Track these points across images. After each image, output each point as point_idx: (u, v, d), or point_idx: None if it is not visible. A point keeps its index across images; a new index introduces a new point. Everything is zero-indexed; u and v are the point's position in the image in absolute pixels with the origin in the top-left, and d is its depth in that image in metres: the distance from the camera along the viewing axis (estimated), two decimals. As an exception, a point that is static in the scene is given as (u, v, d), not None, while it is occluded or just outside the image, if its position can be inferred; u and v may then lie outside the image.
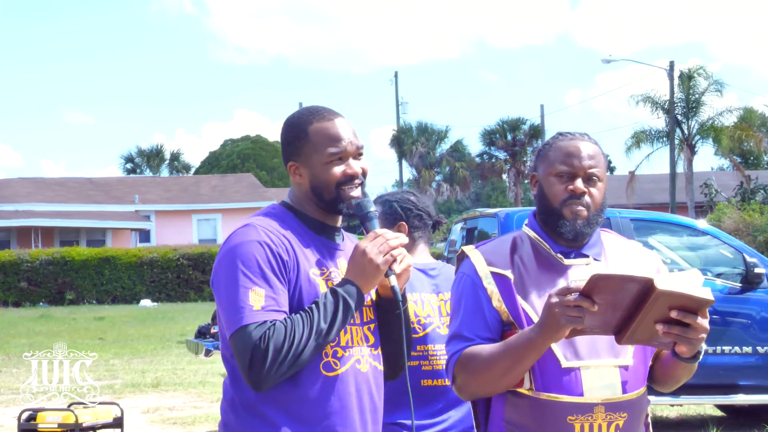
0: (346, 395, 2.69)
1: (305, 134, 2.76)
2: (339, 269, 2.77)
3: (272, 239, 2.67)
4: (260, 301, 2.59)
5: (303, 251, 2.72)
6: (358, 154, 2.78)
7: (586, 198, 2.74)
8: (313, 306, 2.63)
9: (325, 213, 2.79)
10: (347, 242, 2.87)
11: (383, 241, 2.69)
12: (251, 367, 2.55)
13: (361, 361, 2.74)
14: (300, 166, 2.77)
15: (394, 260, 2.69)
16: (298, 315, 2.61)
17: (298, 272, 2.68)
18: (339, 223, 2.85)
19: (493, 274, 2.75)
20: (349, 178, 2.74)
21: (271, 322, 2.57)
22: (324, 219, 2.80)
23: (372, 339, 2.79)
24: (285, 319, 2.60)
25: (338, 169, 2.74)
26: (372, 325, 2.81)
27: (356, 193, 2.76)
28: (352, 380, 2.71)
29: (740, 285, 9.12)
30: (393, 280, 2.70)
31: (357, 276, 2.68)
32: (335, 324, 2.63)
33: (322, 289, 2.70)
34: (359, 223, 2.79)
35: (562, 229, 2.74)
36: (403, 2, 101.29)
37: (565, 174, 2.75)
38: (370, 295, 2.82)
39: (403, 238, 2.74)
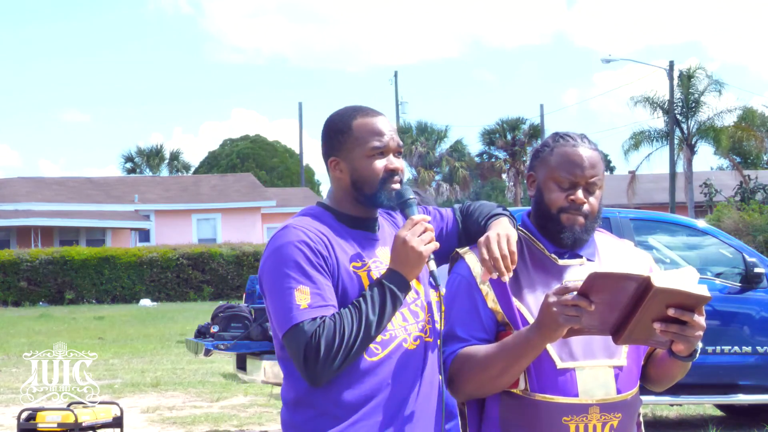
0: (391, 377, 2.74)
1: (349, 129, 2.81)
2: (379, 258, 2.81)
3: (310, 236, 2.72)
4: (306, 299, 2.66)
5: (341, 246, 2.77)
6: (398, 152, 2.84)
7: (585, 207, 2.76)
8: (361, 299, 2.68)
9: (362, 208, 2.84)
10: (384, 230, 2.90)
11: (422, 228, 2.71)
12: (306, 364, 2.62)
13: (407, 339, 2.78)
14: (341, 161, 2.82)
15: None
16: (346, 309, 2.67)
17: (338, 267, 2.73)
18: (377, 215, 2.89)
19: None
20: (390, 173, 2.79)
21: (320, 318, 2.64)
22: (361, 214, 2.85)
23: (421, 315, 2.83)
24: (334, 314, 2.66)
25: (380, 163, 2.79)
26: (419, 301, 2.84)
27: (397, 186, 2.81)
28: (396, 362, 2.76)
29: (740, 285, 9.11)
30: (432, 265, 2.74)
31: (401, 265, 2.71)
32: (384, 315, 2.68)
33: (364, 281, 2.75)
34: (400, 210, 2.83)
35: (561, 235, 2.77)
36: (399, 2, 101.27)
37: (565, 182, 2.76)
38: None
39: (427, 218, 2.76)
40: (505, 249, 2.70)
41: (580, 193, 2.75)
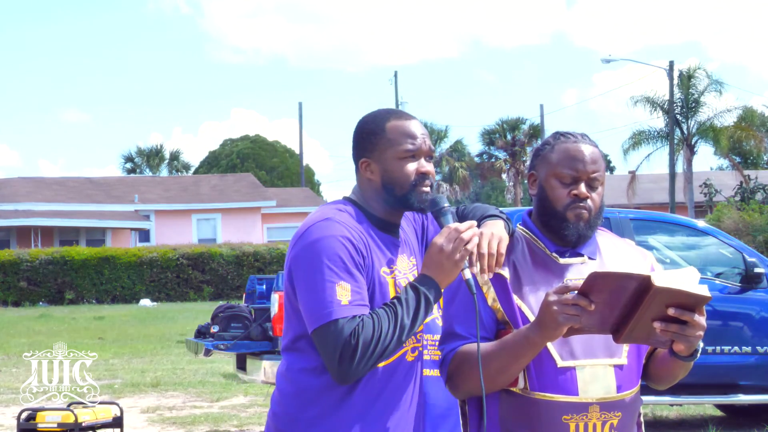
0: (395, 385, 2.77)
1: (382, 130, 2.82)
2: (398, 267, 2.83)
3: (353, 234, 2.72)
4: (347, 296, 2.64)
5: (375, 249, 2.78)
6: (429, 156, 2.85)
7: (588, 202, 2.76)
8: (395, 301, 2.68)
9: (390, 210, 2.84)
10: (401, 234, 2.91)
11: (457, 236, 2.70)
12: (340, 362, 2.61)
13: (408, 351, 2.81)
14: (372, 162, 2.83)
15: (470, 254, 2.71)
16: (382, 310, 2.67)
17: (373, 270, 2.74)
18: (401, 220, 2.90)
19: None
20: (421, 177, 2.80)
21: (359, 317, 2.63)
22: (388, 217, 2.85)
23: (420, 327, 2.84)
24: (371, 314, 2.65)
25: (411, 166, 2.80)
26: None
27: (428, 189, 2.82)
28: (401, 371, 2.78)
29: (740, 285, 9.11)
30: (467, 273, 2.73)
31: (435, 272, 2.71)
32: (417, 320, 2.69)
33: (391, 287, 2.76)
34: (434, 219, 2.85)
35: (565, 232, 2.77)
36: (399, 2, 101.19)
37: (568, 178, 2.76)
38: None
39: (475, 228, 2.74)
40: (494, 248, 2.71)
41: (582, 188, 2.76)
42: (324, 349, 2.64)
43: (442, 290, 2.75)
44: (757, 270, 9.01)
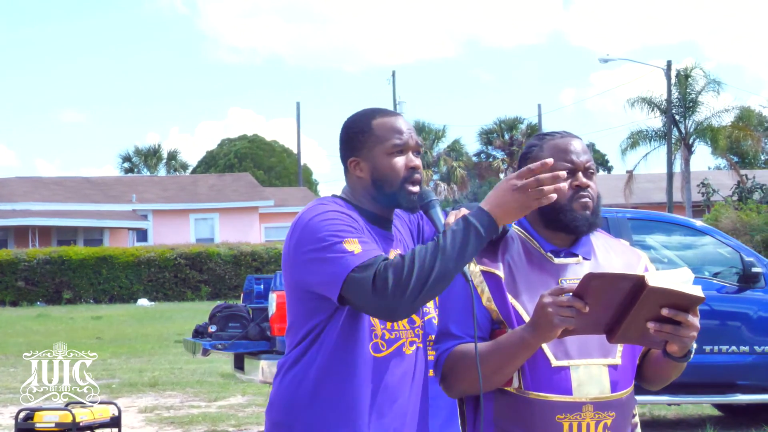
0: (391, 377, 2.76)
1: (369, 128, 2.84)
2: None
3: (347, 213, 2.75)
4: (357, 247, 2.62)
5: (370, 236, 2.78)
6: (417, 150, 2.86)
7: (590, 190, 2.78)
8: (440, 234, 2.59)
9: (381, 208, 2.85)
10: (395, 231, 2.92)
11: (532, 175, 2.54)
12: (375, 294, 2.52)
13: (405, 344, 2.80)
14: (361, 161, 2.84)
15: (544, 202, 2.56)
16: (420, 245, 2.61)
17: None
18: (393, 216, 2.92)
19: (484, 272, 2.77)
20: (411, 171, 2.81)
21: (380, 256, 2.60)
22: (380, 212, 2.87)
23: (418, 321, 2.85)
24: (400, 253, 2.63)
25: (400, 161, 2.81)
26: None
27: (416, 190, 2.82)
28: (398, 363, 2.78)
29: (737, 284, 9.12)
30: None
31: (497, 208, 2.57)
32: (466, 252, 2.55)
33: None
34: (423, 213, 2.86)
35: (576, 223, 2.76)
36: (396, 1, 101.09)
37: (566, 171, 2.77)
38: None
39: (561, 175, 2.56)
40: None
41: (582, 177, 2.78)
42: (358, 299, 2.57)
43: (499, 228, 2.62)
44: (754, 269, 9.02)
